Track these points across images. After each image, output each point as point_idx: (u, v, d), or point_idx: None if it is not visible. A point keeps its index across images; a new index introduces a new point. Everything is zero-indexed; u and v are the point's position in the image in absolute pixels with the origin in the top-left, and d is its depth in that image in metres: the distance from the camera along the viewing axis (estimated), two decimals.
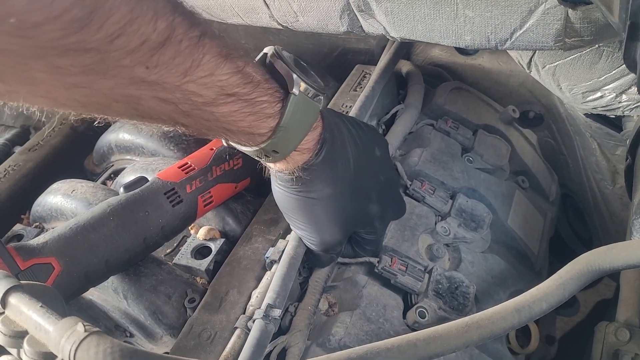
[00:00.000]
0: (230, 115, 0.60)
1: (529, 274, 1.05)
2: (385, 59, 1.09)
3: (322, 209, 0.74)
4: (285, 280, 0.73)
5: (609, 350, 0.86)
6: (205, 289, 0.81)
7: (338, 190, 0.74)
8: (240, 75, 0.59)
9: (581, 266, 0.64)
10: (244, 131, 0.63)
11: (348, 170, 0.75)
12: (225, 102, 0.58)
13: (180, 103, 0.55)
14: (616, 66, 0.81)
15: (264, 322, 0.67)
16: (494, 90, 1.24)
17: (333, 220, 0.75)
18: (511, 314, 0.60)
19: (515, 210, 1.05)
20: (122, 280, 0.81)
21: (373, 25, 0.78)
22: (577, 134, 1.15)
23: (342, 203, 0.75)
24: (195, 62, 0.53)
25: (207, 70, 0.55)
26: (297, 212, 0.75)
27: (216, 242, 0.88)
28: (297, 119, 0.65)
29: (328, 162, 0.72)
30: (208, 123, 0.60)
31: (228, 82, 0.58)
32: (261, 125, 0.63)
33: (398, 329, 0.79)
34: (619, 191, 1.12)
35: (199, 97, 0.56)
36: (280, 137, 0.65)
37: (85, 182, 0.98)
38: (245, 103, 0.60)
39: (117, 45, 0.47)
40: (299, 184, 0.72)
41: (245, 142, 0.66)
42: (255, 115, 0.62)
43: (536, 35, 0.66)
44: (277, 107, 0.64)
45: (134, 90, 0.51)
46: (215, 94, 0.57)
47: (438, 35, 0.73)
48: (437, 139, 1.07)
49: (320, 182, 0.72)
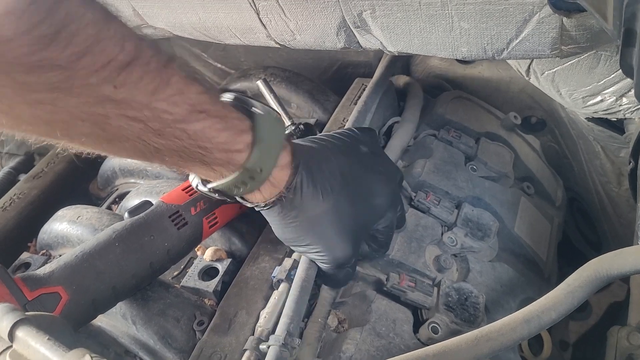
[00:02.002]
0: (203, 132, 0.60)
1: (538, 280, 1.04)
2: (378, 73, 1.10)
3: (324, 226, 0.74)
4: (299, 304, 0.72)
5: (622, 355, 0.85)
6: (214, 310, 0.81)
7: (335, 201, 0.73)
8: (209, 94, 0.61)
9: (589, 273, 0.64)
10: (220, 148, 0.63)
11: (337, 176, 0.75)
12: (197, 119, 0.59)
13: (150, 121, 0.56)
14: (615, 70, 0.81)
15: (281, 349, 0.67)
16: (495, 98, 1.24)
17: (339, 232, 0.75)
18: (520, 325, 0.60)
19: (521, 217, 1.04)
20: (130, 306, 0.80)
21: (370, 41, 0.78)
22: (580, 137, 1.15)
23: (343, 212, 0.74)
24: (163, 81, 0.55)
25: (176, 89, 0.56)
26: (301, 238, 0.75)
27: (223, 262, 0.87)
28: (269, 132, 0.67)
29: (312, 175, 0.72)
30: (181, 142, 0.60)
31: (198, 100, 0.59)
32: (237, 140, 0.64)
33: (409, 343, 0.79)
34: (625, 193, 1.12)
35: (169, 114, 0.56)
36: (260, 150, 0.65)
37: (90, 208, 0.98)
38: (216, 119, 0.61)
39: (83, 64, 0.48)
40: (292, 209, 0.72)
41: (225, 161, 0.65)
42: (229, 131, 0.63)
43: (532, 44, 0.66)
44: (247, 123, 0.65)
45: (100, 108, 0.52)
46: (186, 111, 0.58)
47: (435, 48, 0.73)
48: (439, 149, 1.07)
49: (312, 198, 0.72)
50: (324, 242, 0.75)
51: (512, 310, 0.92)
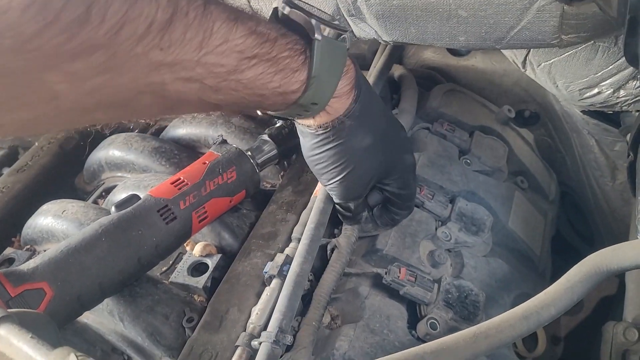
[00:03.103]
0: (257, 79, 0.58)
1: (533, 275, 1.04)
2: (379, 64, 1.08)
3: (361, 161, 0.73)
4: (292, 300, 0.71)
5: (618, 351, 0.85)
6: (204, 307, 0.79)
7: (377, 138, 0.73)
8: (255, 35, 0.57)
9: (589, 268, 0.62)
10: (275, 92, 0.61)
11: (384, 118, 0.75)
12: (248, 67, 0.57)
13: (205, 78, 0.54)
14: (612, 61, 0.80)
15: (272, 346, 0.65)
16: (489, 91, 1.22)
17: (368, 171, 0.75)
18: (519, 322, 0.59)
19: (515, 212, 1.03)
20: (118, 302, 0.78)
21: (364, 30, 0.76)
22: (574, 131, 1.14)
23: (379, 151, 0.75)
24: (207, 32, 0.52)
25: (221, 38, 0.53)
26: (333, 166, 0.73)
27: (213, 258, 0.85)
28: (327, 64, 0.63)
29: (367, 108, 0.71)
30: (238, 93, 0.58)
31: (245, 45, 0.56)
32: (291, 81, 0.62)
33: (403, 340, 0.77)
34: (619, 187, 1.11)
35: (221, 67, 0.54)
36: (315, 87, 0.63)
37: (75, 202, 0.96)
38: (268, 63, 0.59)
39: (124, 35, 0.45)
40: (338, 137, 0.70)
41: (281, 103, 0.64)
42: (282, 72, 0.60)
43: (532, 33, 0.64)
44: (301, 59, 0.62)
45: (155, 76, 0.50)
46: (236, 60, 0.56)
47: (431, 37, 0.71)
48: (433, 143, 1.06)
49: (362, 130, 0.71)
50: (352, 176, 0.74)
51: (506, 305, 0.91)
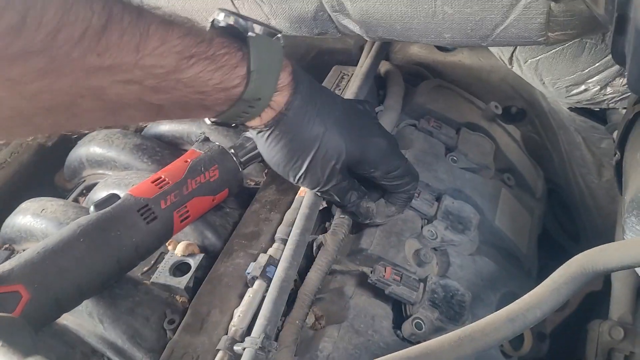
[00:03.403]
0: (197, 77, 0.60)
1: (519, 273, 1.03)
2: (367, 61, 1.06)
3: (317, 150, 0.74)
4: (277, 305, 0.69)
5: (604, 350, 0.85)
6: (186, 308, 0.78)
7: (330, 126, 0.73)
8: (192, 36, 0.59)
9: (574, 269, 0.62)
10: (217, 88, 0.63)
11: (335, 105, 0.75)
12: (188, 66, 0.58)
13: (144, 80, 0.55)
14: (599, 58, 0.79)
15: (257, 352, 0.64)
16: (475, 87, 1.21)
17: (328, 157, 0.75)
18: (505, 324, 0.58)
19: (502, 210, 1.03)
20: (97, 304, 0.77)
21: (348, 26, 0.75)
22: (560, 128, 1.13)
23: (336, 138, 0.74)
24: (143, 34, 0.53)
25: (158, 40, 0.55)
26: (292, 161, 0.74)
27: (195, 257, 0.84)
28: (265, 59, 0.65)
29: (311, 98, 0.72)
30: (179, 92, 0.60)
31: (183, 45, 0.57)
32: (231, 77, 0.63)
33: (388, 340, 0.76)
34: (606, 185, 1.11)
35: (160, 68, 0.56)
36: (256, 81, 0.65)
37: (55, 200, 0.93)
38: (207, 61, 0.60)
39: (61, 40, 0.47)
40: (287, 130, 0.71)
41: (225, 99, 0.65)
42: (222, 69, 0.62)
43: (518, 31, 0.63)
44: (239, 55, 0.64)
45: (93, 80, 0.51)
46: (175, 60, 0.57)
47: (416, 34, 0.70)
48: (419, 140, 1.04)
49: (309, 120, 0.72)
50: (314, 166, 0.75)
51: (492, 304, 0.90)
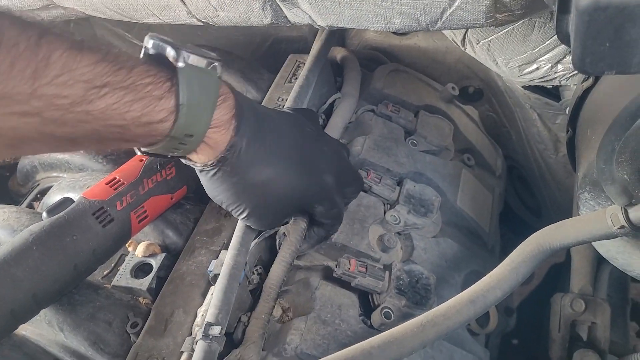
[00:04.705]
0: (110, 108, 0.52)
1: (482, 252, 1.05)
2: (317, 46, 1.05)
3: (265, 195, 0.69)
4: (227, 293, 0.68)
5: (566, 322, 0.87)
6: (149, 310, 0.76)
7: (281, 168, 0.68)
8: (107, 63, 0.51)
9: (532, 247, 0.63)
10: (137, 122, 0.55)
11: (283, 144, 0.69)
12: (98, 96, 0.51)
13: (44, 111, 0.48)
14: (549, 37, 0.80)
15: (206, 342, 0.63)
16: (432, 69, 1.22)
17: (279, 203, 0.71)
18: (466, 307, 0.59)
19: (463, 190, 1.04)
20: (56, 312, 0.74)
21: (298, 15, 0.73)
22: (517, 105, 1.15)
23: (287, 183, 0.70)
24: (42, 62, 0.47)
25: (61, 68, 0.48)
26: (237, 204, 0.70)
27: (157, 257, 0.82)
28: (197, 92, 0.58)
29: (257, 138, 0.66)
30: (90, 125, 0.52)
31: (93, 74, 0.50)
32: (155, 110, 0.56)
33: (355, 328, 0.76)
34: (563, 159, 1.13)
35: (64, 98, 0.49)
36: (186, 116, 0.57)
37: (7, 207, 0.90)
38: (123, 91, 0.53)
39: None
40: (232, 173, 0.65)
41: (149, 135, 0.58)
42: (143, 101, 0.54)
43: (466, 14, 0.63)
44: (166, 86, 0.56)
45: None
46: (82, 90, 0.50)
47: (367, 20, 0.69)
48: (378, 125, 1.04)
49: (257, 163, 0.66)
50: (260, 211, 0.71)
51: (457, 285, 0.91)
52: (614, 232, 0.59)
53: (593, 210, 0.67)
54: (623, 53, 0.44)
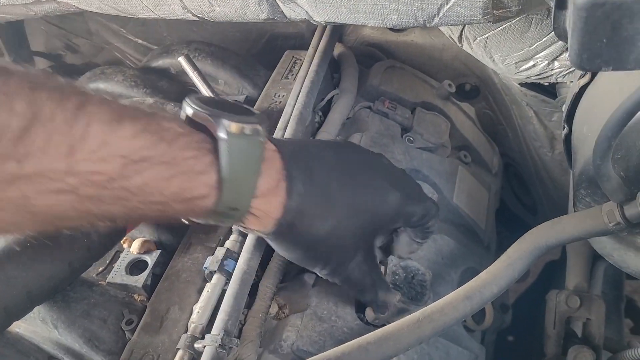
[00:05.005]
0: (149, 185, 0.49)
1: (478, 249, 1.05)
2: (324, 41, 1.04)
3: (337, 239, 0.65)
4: (238, 299, 0.67)
5: (562, 318, 0.87)
6: (144, 307, 0.76)
7: (342, 211, 0.64)
8: (147, 134, 0.48)
9: (528, 244, 0.63)
10: (177, 199, 0.52)
11: (337, 184, 0.65)
12: (136, 172, 0.48)
13: (80, 189, 0.45)
14: (546, 33, 0.80)
15: (218, 350, 0.62)
16: (429, 66, 1.22)
17: (356, 241, 0.67)
18: (462, 303, 0.59)
19: (459, 187, 1.04)
20: (50, 309, 0.74)
21: (295, 10, 0.73)
22: (513, 103, 1.14)
23: (354, 220, 0.65)
24: (78, 136, 0.44)
25: (98, 142, 0.45)
26: (307, 260, 0.67)
27: (152, 254, 0.82)
28: (240, 162, 0.54)
29: (311, 191, 0.61)
30: (129, 203, 0.49)
31: (131, 148, 0.47)
32: (196, 185, 0.53)
33: (352, 325, 0.76)
34: (558, 157, 1.13)
35: (100, 174, 0.46)
36: (229, 190, 0.54)
37: None
38: (163, 166, 0.49)
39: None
40: (291, 235, 0.62)
41: (190, 210, 0.55)
42: (183, 176, 0.51)
43: (463, 9, 0.63)
44: (207, 160, 0.53)
45: (12, 191, 0.42)
46: (120, 165, 0.46)
47: (363, 16, 0.69)
48: (375, 122, 1.04)
49: (315, 216, 0.62)
50: (337, 259, 0.67)
51: (454, 282, 0.91)
52: (609, 228, 0.59)
53: (589, 207, 0.67)
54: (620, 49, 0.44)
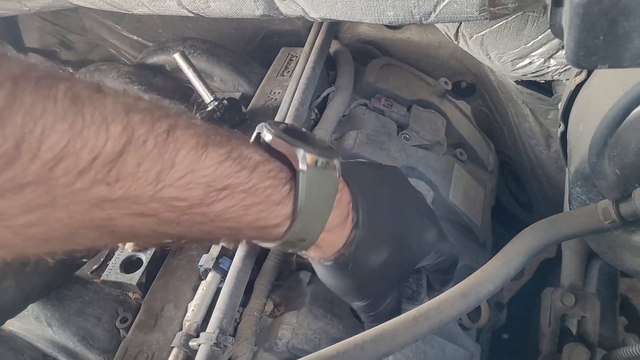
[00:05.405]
0: (227, 212, 0.50)
1: (474, 247, 1.05)
2: (320, 38, 1.04)
3: (381, 276, 0.66)
4: (233, 297, 0.67)
5: (557, 316, 0.87)
6: (139, 305, 0.76)
7: (395, 242, 0.65)
8: (230, 162, 0.49)
9: (524, 242, 0.63)
10: (251, 226, 0.53)
11: (392, 217, 0.66)
12: (217, 199, 0.48)
13: (161, 213, 0.46)
14: (542, 31, 0.80)
15: (213, 348, 0.62)
16: (425, 63, 1.21)
17: (392, 279, 0.68)
18: (459, 300, 0.58)
19: (455, 185, 1.04)
20: (44, 307, 0.74)
21: (291, 7, 0.73)
22: (509, 101, 1.14)
23: (400, 258, 0.66)
24: (167, 162, 0.44)
25: (185, 169, 0.45)
26: (355, 289, 0.66)
27: (147, 252, 0.81)
28: (316, 195, 0.54)
29: (372, 222, 0.62)
30: (205, 227, 0.50)
31: (215, 175, 0.47)
32: (271, 215, 0.53)
33: (347, 323, 0.76)
34: (554, 155, 1.13)
35: (182, 201, 0.46)
36: (302, 222, 0.54)
37: None
38: (243, 194, 0.50)
39: (61, 171, 0.38)
40: (347, 263, 0.62)
41: (260, 237, 0.56)
42: (260, 205, 0.52)
43: (460, 6, 0.63)
44: (284, 190, 0.53)
45: (99, 212, 0.42)
46: (203, 192, 0.47)
47: (360, 12, 0.69)
48: (371, 119, 1.04)
49: (373, 247, 0.63)
50: (379, 293, 0.67)
51: None
52: (605, 226, 0.59)
53: (584, 204, 0.67)
54: (616, 47, 0.44)
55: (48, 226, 0.40)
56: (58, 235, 0.42)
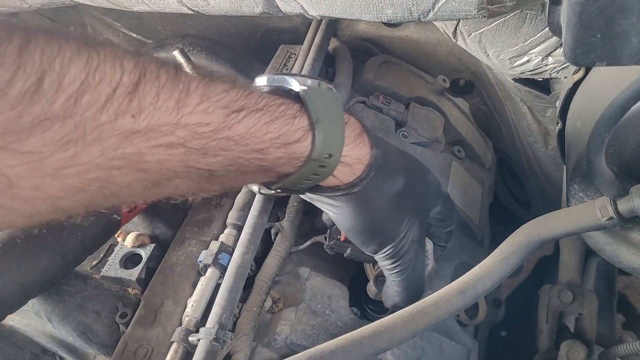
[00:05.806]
0: (250, 133, 0.53)
1: (472, 244, 1.05)
2: (319, 35, 1.04)
3: (401, 204, 0.67)
4: (233, 293, 0.68)
5: (554, 313, 0.87)
6: (138, 300, 0.76)
7: (411, 175, 0.68)
8: (238, 89, 0.52)
9: (521, 239, 0.63)
10: (276, 143, 0.55)
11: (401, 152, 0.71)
12: (237, 121, 0.51)
13: (189, 141, 0.48)
14: (540, 29, 0.80)
15: (212, 343, 0.62)
16: (423, 61, 1.22)
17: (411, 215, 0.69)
18: (456, 297, 0.59)
19: (453, 182, 1.04)
20: (44, 302, 0.74)
21: (290, 4, 0.73)
22: (507, 98, 1.15)
23: (413, 191, 0.69)
24: (183, 91, 0.47)
25: (199, 96, 0.49)
26: (374, 225, 0.67)
27: (146, 248, 0.82)
28: (325, 110, 0.58)
29: (387, 154, 0.65)
30: (232, 153, 0.52)
31: (229, 99, 0.51)
32: (291, 129, 0.56)
33: (345, 319, 0.77)
34: (552, 152, 1.14)
35: (206, 126, 0.49)
36: (322, 133, 0.57)
37: None
38: (259, 113, 0.53)
39: (85, 104, 0.40)
40: (372, 190, 0.64)
41: (288, 158, 0.57)
42: (278, 120, 0.55)
43: (458, 4, 0.63)
44: (296, 106, 0.57)
45: (129, 147, 0.44)
46: (222, 115, 0.50)
47: (359, 10, 0.69)
48: (369, 117, 1.04)
49: (390, 177, 0.65)
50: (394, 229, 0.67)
51: (447, 276, 0.92)
52: (602, 223, 0.60)
53: (582, 202, 0.68)
54: (614, 44, 0.44)
55: (83, 167, 0.42)
56: (93, 179, 0.43)
